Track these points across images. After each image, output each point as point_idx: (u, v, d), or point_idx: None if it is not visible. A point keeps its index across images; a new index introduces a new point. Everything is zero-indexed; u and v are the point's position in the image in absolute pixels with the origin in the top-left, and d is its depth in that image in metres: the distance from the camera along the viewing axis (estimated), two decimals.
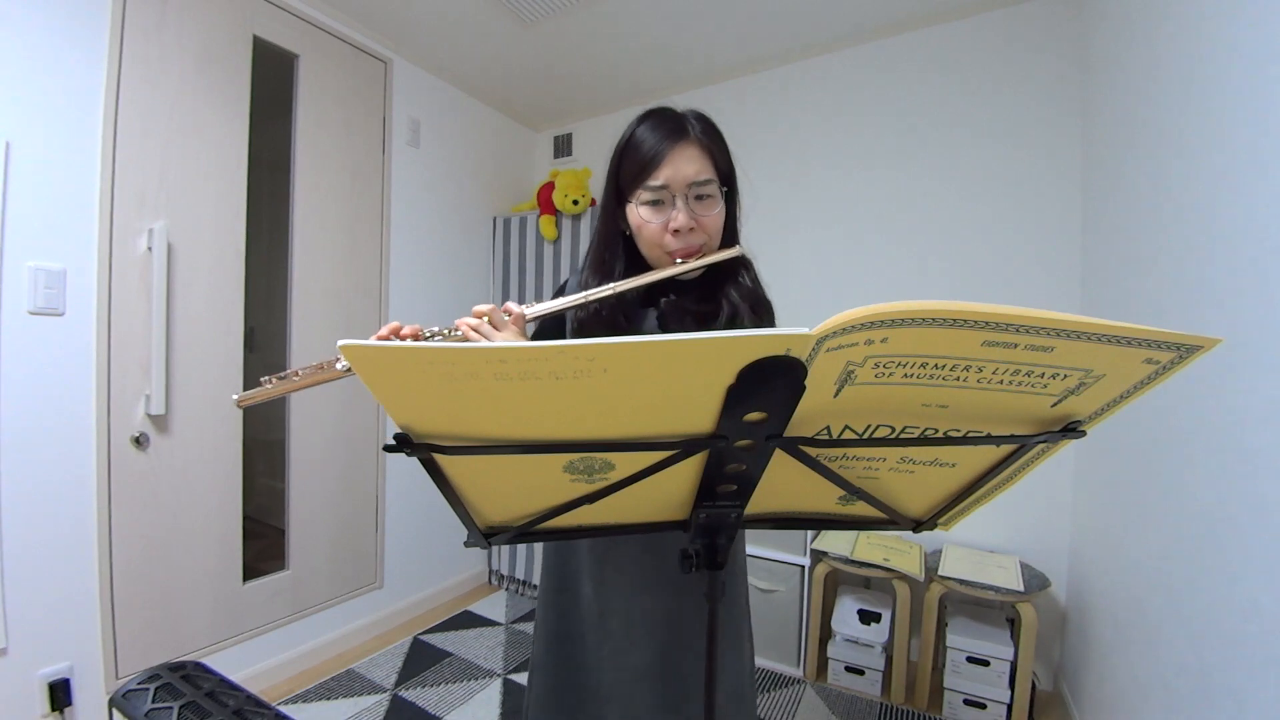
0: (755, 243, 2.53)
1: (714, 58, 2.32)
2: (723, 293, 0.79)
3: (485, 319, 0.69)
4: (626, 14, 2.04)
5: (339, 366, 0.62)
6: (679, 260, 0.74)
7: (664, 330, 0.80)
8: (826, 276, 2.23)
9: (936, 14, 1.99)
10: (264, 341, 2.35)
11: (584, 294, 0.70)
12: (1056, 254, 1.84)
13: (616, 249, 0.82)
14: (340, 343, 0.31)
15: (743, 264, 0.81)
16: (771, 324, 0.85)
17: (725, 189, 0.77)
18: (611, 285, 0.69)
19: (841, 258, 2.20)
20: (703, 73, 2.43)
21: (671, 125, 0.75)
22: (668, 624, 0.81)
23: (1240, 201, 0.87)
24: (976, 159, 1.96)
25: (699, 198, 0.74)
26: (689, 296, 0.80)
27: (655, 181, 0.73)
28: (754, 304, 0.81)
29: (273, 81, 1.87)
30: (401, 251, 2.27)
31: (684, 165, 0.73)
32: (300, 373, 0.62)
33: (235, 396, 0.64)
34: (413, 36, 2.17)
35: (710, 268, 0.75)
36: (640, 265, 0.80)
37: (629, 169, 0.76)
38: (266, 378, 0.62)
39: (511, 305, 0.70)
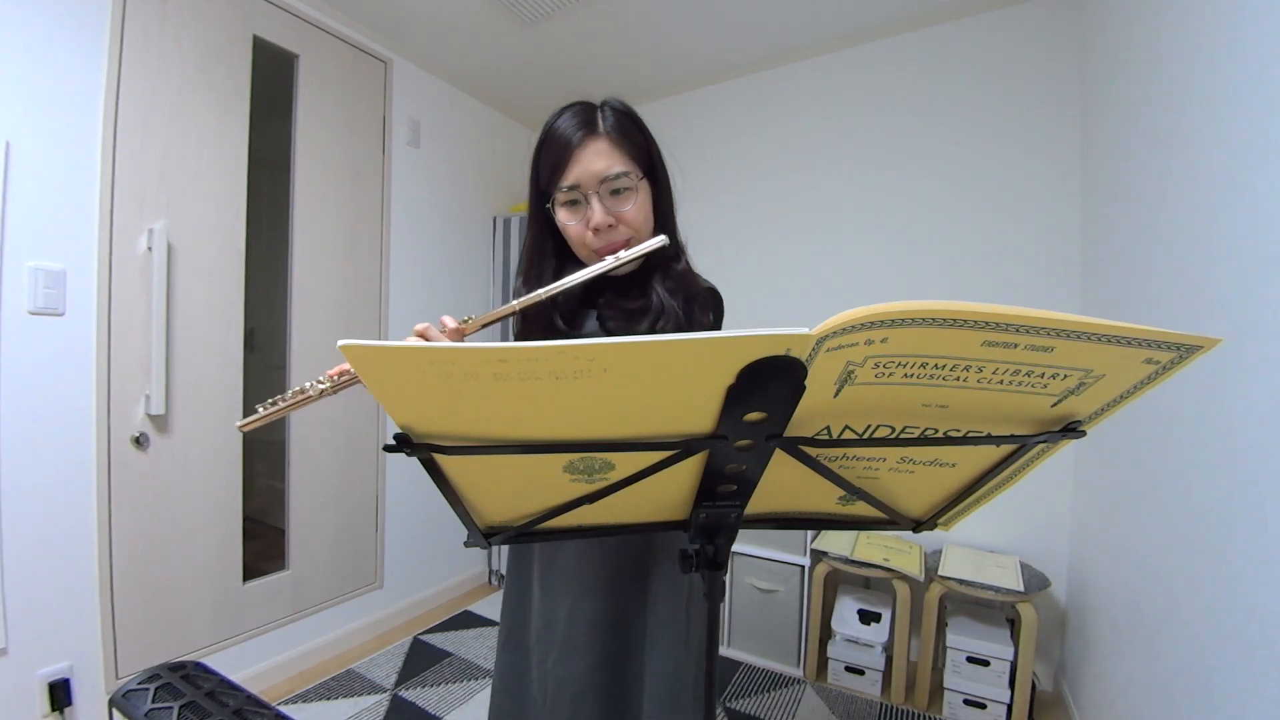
0: (755, 242, 2.52)
1: (714, 58, 2.32)
2: (651, 287, 0.77)
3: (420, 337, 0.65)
4: (626, 14, 2.04)
5: (318, 388, 0.64)
6: (607, 258, 0.70)
7: (605, 330, 0.78)
8: (826, 276, 2.23)
9: (936, 14, 1.99)
10: (264, 341, 2.35)
11: (517, 302, 0.67)
12: (1056, 254, 1.84)
13: (546, 253, 0.80)
14: (340, 343, 0.31)
15: (672, 254, 0.78)
16: (715, 311, 0.82)
17: (646, 178, 0.75)
18: (543, 290, 0.66)
19: (841, 258, 2.20)
20: (703, 73, 2.43)
21: (580, 120, 0.73)
22: (610, 630, 0.79)
23: (1240, 201, 0.87)
24: (977, 158, 1.96)
25: (614, 192, 0.72)
26: (625, 296, 0.78)
27: (566, 182, 0.72)
28: (687, 295, 0.78)
29: (273, 81, 1.87)
30: (401, 251, 2.27)
31: (593, 161, 0.71)
32: (288, 396, 0.65)
33: (238, 423, 0.68)
34: (413, 36, 2.17)
35: (644, 261, 0.71)
36: (576, 261, 0.78)
37: (544, 169, 0.75)
38: (260, 404, 0.66)
39: (448, 319, 0.67)
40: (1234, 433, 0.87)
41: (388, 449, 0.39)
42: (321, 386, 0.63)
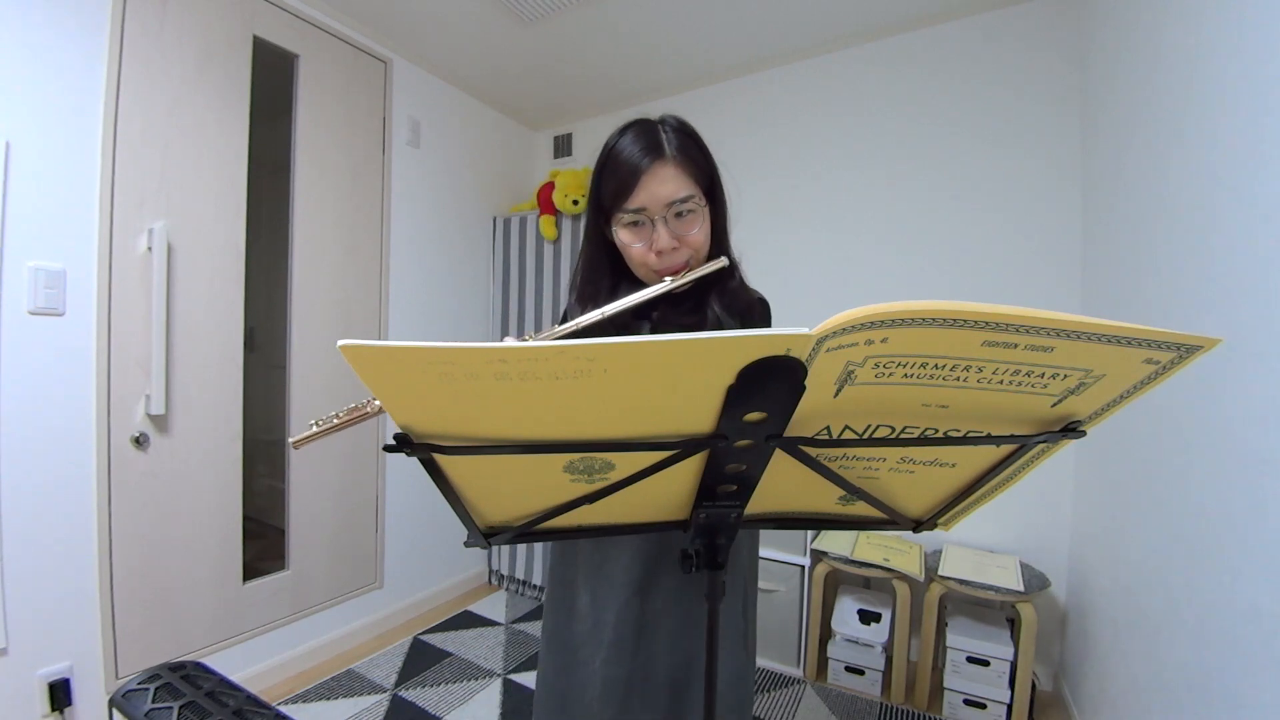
0: (754, 242, 2.53)
1: (714, 58, 2.32)
2: (707, 304, 0.79)
3: None
4: (626, 14, 2.04)
5: (375, 405, 0.65)
6: (667, 279, 0.73)
7: None
8: (826, 276, 2.23)
9: (936, 14, 1.99)
10: (264, 341, 2.35)
11: (575, 322, 0.70)
12: (1056, 254, 1.84)
13: (602, 271, 0.82)
14: (340, 343, 0.31)
15: (728, 272, 0.80)
16: (765, 323, 0.85)
17: (708, 199, 0.77)
18: (600, 311, 0.68)
19: (841, 258, 2.20)
20: (703, 73, 2.43)
21: (647, 143, 0.74)
22: (658, 630, 0.80)
23: (1240, 201, 0.87)
24: (977, 158, 1.96)
25: (679, 215, 0.74)
26: (679, 310, 0.80)
27: (633, 205, 0.73)
28: (743, 309, 0.81)
29: (273, 81, 1.87)
30: (401, 251, 2.27)
31: (660, 186, 0.72)
32: (342, 414, 0.66)
33: (291, 440, 0.68)
34: (413, 36, 2.17)
35: (700, 278, 0.75)
36: (632, 278, 0.80)
37: (608, 189, 0.76)
38: (313, 421, 0.67)
39: (510, 340, 0.70)
40: (1233, 433, 0.87)
41: (388, 449, 0.39)
42: (377, 403, 0.64)
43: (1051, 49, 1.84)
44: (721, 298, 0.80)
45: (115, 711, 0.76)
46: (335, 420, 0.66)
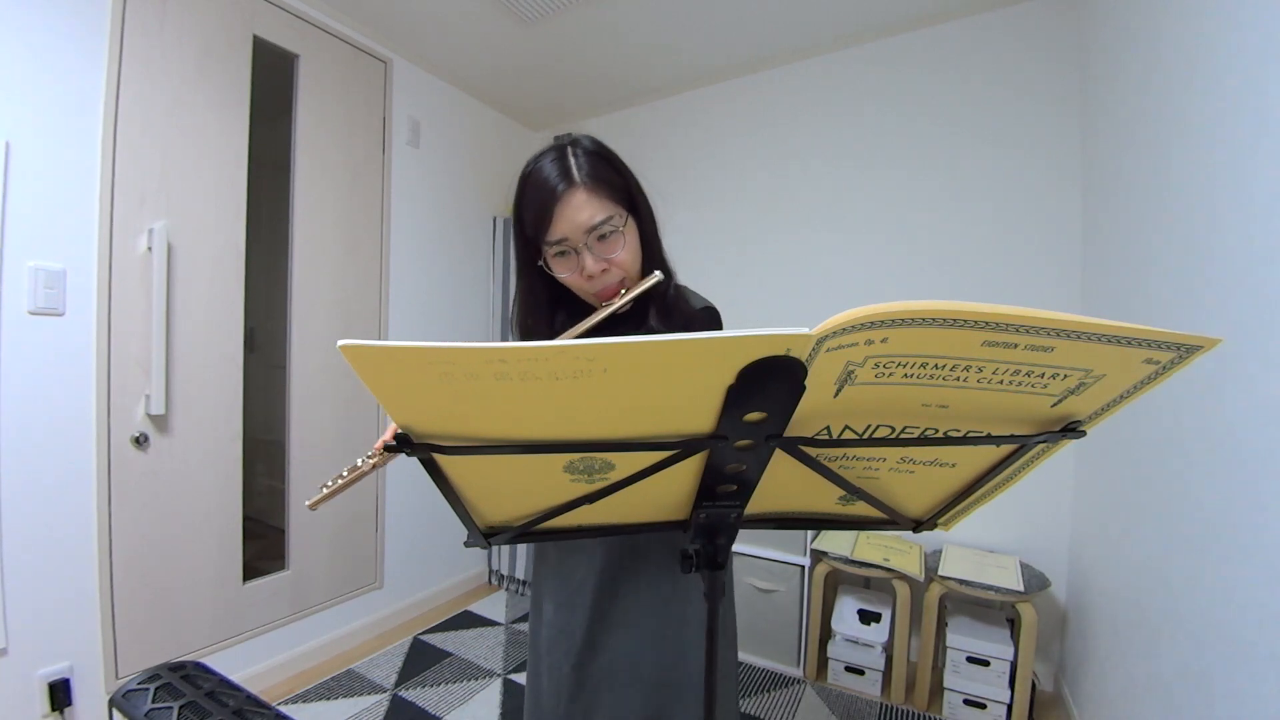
0: (754, 242, 2.51)
1: (714, 58, 2.32)
2: (646, 321, 0.79)
3: None
4: (626, 14, 2.04)
5: (369, 462, 0.71)
6: (604, 305, 0.74)
7: None
8: (826, 277, 2.23)
9: (936, 14, 1.99)
10: (264, 341, 2.35)
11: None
12: (1056, 254, 1.84)
13: (540, 303, 0.82)
14: (340, 343, 0.31)
15: (663, 289, 0.80)
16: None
17: (629, 213, 0.77)
18: (551, 343, 0.69)
19: (841, 258, 2.20)
20: (702, 73, 2.43)
21: (556, 170, 0.73)
22: (625, 627, 0.80)
23: (1240, 201, 0.87)
24: (976, 159, 1.96)
25: (601, 238, 0.74)
26: (626, 328, 0.80)
27: (553, 236, 0.73)
28: (685, 322, 0.81)
29: (273, 81, 1.87)
30: (401, 251, 2.27)
31: (575, 214, 0.72)
32: (345, 474, 0.74)
33: (307, 502, 0.77)
34: (413, 36, 2.18)
35: (638, 296, 0.75)
36: (569, 301, 0.81)
37: (529, 219, 0.76)
38: (324, 483, 0.75)
39: None
40: (1234, 433, 0.87)
41: (388, 449, 0.39)
42: (372, 460, 0.72)
43: (1051, 49, 1.84)
44: (659, 313, 0.80)
45: (115, 711, 0.76)
46: (341, 479, 0.73)
